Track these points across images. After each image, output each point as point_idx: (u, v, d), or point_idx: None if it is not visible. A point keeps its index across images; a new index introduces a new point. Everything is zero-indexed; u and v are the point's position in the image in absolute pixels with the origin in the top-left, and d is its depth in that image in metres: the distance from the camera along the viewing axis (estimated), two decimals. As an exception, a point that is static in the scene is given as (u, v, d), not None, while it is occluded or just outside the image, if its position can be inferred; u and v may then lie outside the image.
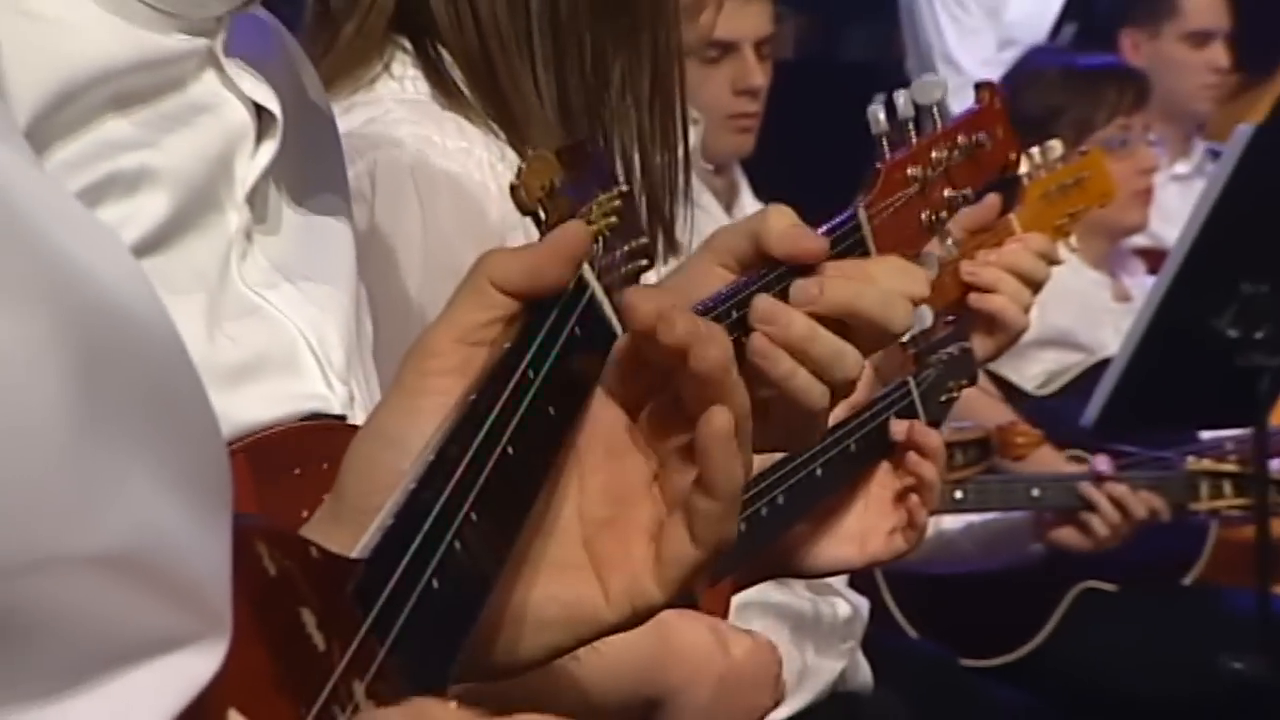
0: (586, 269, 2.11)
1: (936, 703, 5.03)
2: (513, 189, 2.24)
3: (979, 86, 3.90)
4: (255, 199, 2.50)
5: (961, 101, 8.63)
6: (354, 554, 1.73)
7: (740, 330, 2.60)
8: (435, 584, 1.78)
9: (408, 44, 3.37)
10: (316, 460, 2.28)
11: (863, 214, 2.95)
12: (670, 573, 2.03)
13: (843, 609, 4.16)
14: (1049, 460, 5.50)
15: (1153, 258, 6.94)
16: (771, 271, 2.70)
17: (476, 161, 3.25)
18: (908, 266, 2.90)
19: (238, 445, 2.30)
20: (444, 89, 3.29)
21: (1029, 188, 4.77)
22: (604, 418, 2.13)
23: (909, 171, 3.22)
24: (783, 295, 2.71)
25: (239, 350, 2.41)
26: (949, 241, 3.79)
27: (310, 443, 2.38)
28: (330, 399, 2.48)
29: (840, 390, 2.67)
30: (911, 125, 3.86)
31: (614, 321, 2.13)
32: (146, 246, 2.34)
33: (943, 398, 4.38)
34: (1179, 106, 8.09)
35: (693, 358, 1.93)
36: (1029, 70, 7.79)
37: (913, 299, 2.80)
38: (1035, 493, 5.43)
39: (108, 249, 1.40)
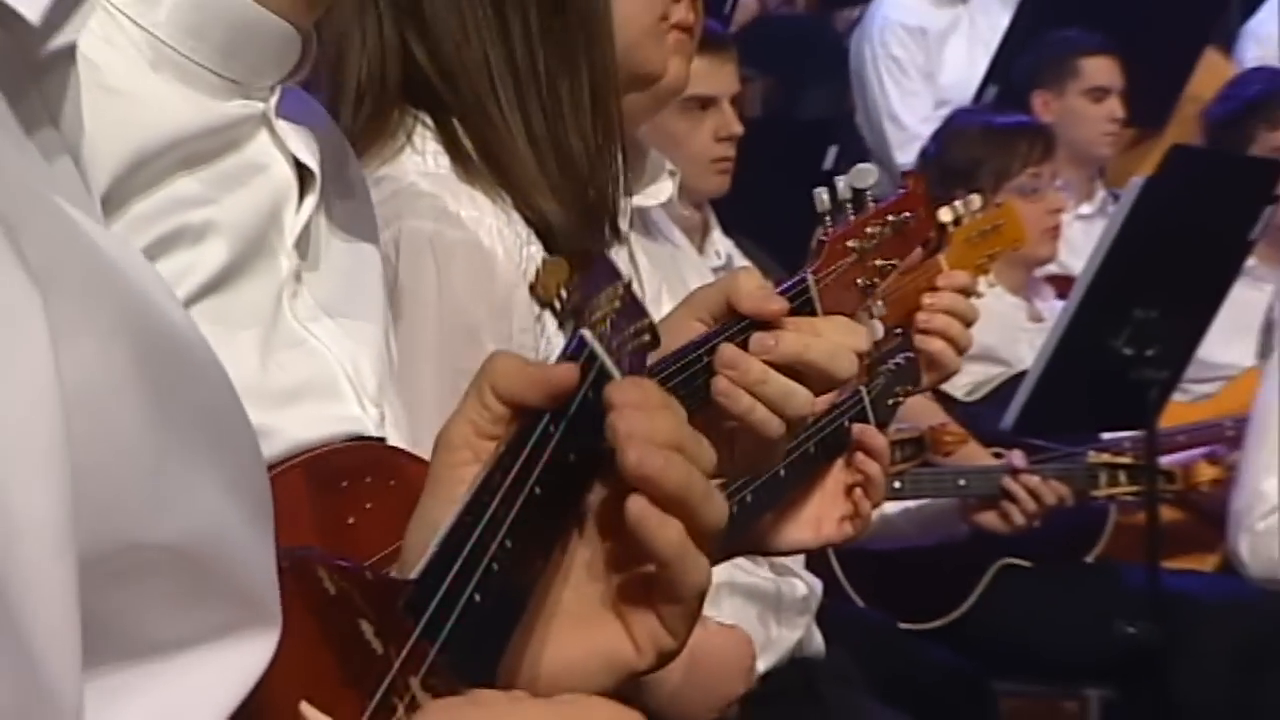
0: (596, 344, 1.99)
1: (879, 661, 4.92)
2: (531, 287, 2.29)
3: (905, 174, 4.29)
4: (301, 245, 2.46)
5: (906, 151, 9.23)
6: (404, 577, 1.74)
7: (710, 373, 2.81)
8: (478, 598, 1.77)
9: (429, 120, 3.31)
10: (359, 475, 2.30)
11: (811, 279, 3.11)
12: (678, 623, 1.93)
13: (800, 588, 4.09)
14: (974, 455, 5.45)
15: (1061, 284, 6.92)
16: (737, 324, 2.86)
17: (486, 229, 3.20)
18: (852, 325, 3.10)
19: (296, 461, 2.32)
20: (461, 162, 3.23)
21: (955, 234, 4.57)
22: (607, 486, 1.97)
23: (848, 244, 3.37)
24: (745, 344, 2.88)
25: (287, 376, 2.38)
26: (879, 302, 3.46)
27: (355, 460, 2.36)
28: (364, 420, 2.42)
29: (794, 424, 2.86)
30: (849, 205, 3.83)
31: (612, 371, 2.00)
32: (210, 287, 2.33)
33: (890, 402, 4.19)
34: (1083, 153, 8.02)
35: (643, 485, 1.79)
36: (956, 128, 7.65)
37: (856, 352, 2.93)
38: (962, 483, 5.44)
39: (168, 295, 1.40)
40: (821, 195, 4.15)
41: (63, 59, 1.34)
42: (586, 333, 1.99)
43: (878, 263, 3.34)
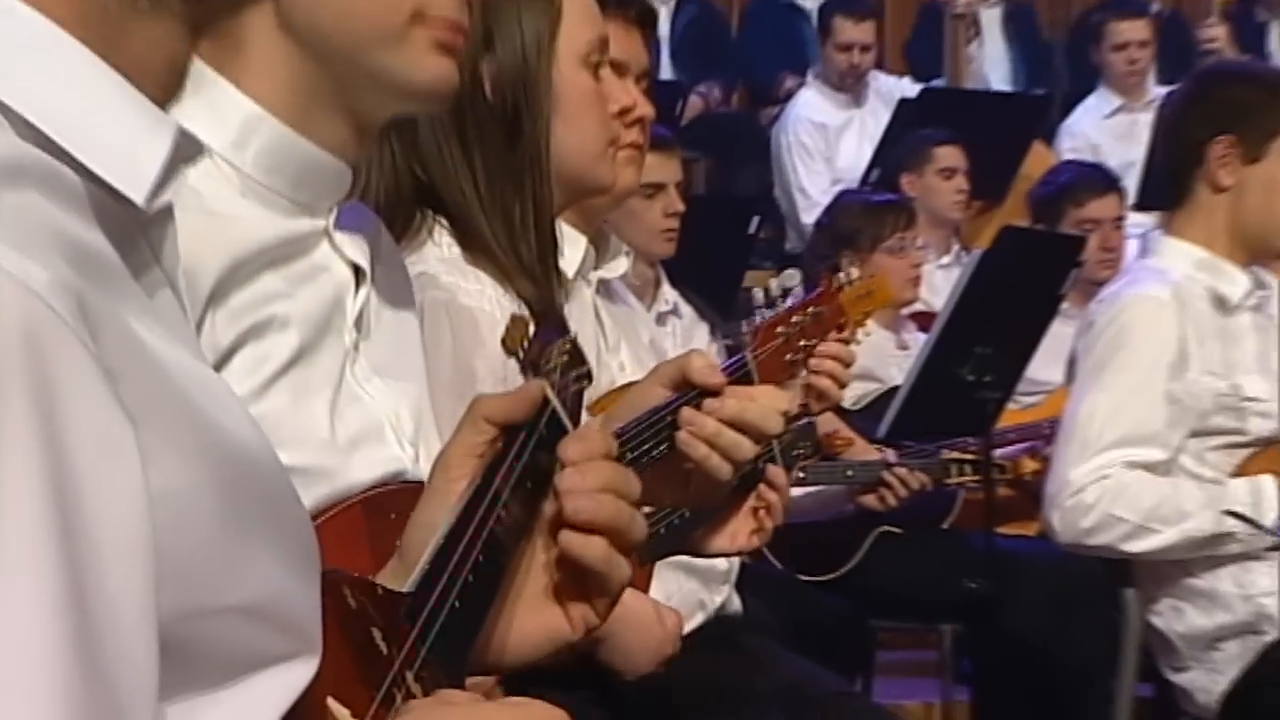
0: (549, 390, 2.07)
1: (788, 606, 4.97)
2: (502, 340, 2.25)
3: (824, 275, 4.24)
4: (358, 323, 2.43)
5: (810, 215, 9.82)
6: (404, 590, 1.78)
7: (674, 428, 2.86)
8: (457, 604, 1.83)
9: (444, 220, 3.33)
10: (403, 510, 2.12)
11: (749, 358, 3.30)
12: (603, 608, 2.08)
13: (722, 564, 3.99)
14: (859, 452, 5.50)
15: (924, 318, 6.98)
16: (692, 392, 2.89)
17: (487, 299, 3.23)
18: (779, 393, 3.18)
19: (356, 500, 2.30)
20: (468, 249, 3.26)
21: (843, 295, 4.35)
22: (552, 508, 2.06)
23: (777, 330, 3.54)
24: (698, 406, 2.93)
25: (348, 428, 2.35)
26: (803, 372, 3.69)
27: (399, 498, 2.23)
28: (403, 458, 2.38)
29: (739, 468, 2.91)
30: (779, 299, 4.20)
31: (568, 424, 2.10)
32: (291, 362, 2.32)
33: (795, 453, 4.39)
34: (940, 218, 8.13)
35: (568, 511, 1.95)
36: (842, 203, 7.75)
37: (782, 413, 3.01)
38: (849, 473, 5.51)
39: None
40: (757, 293, 4.31)
41: (163, 213, 1.46)
42: (544, 383, 2.07)
43: (801, 343, 3.40)
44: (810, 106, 9.27)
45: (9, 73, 1.34)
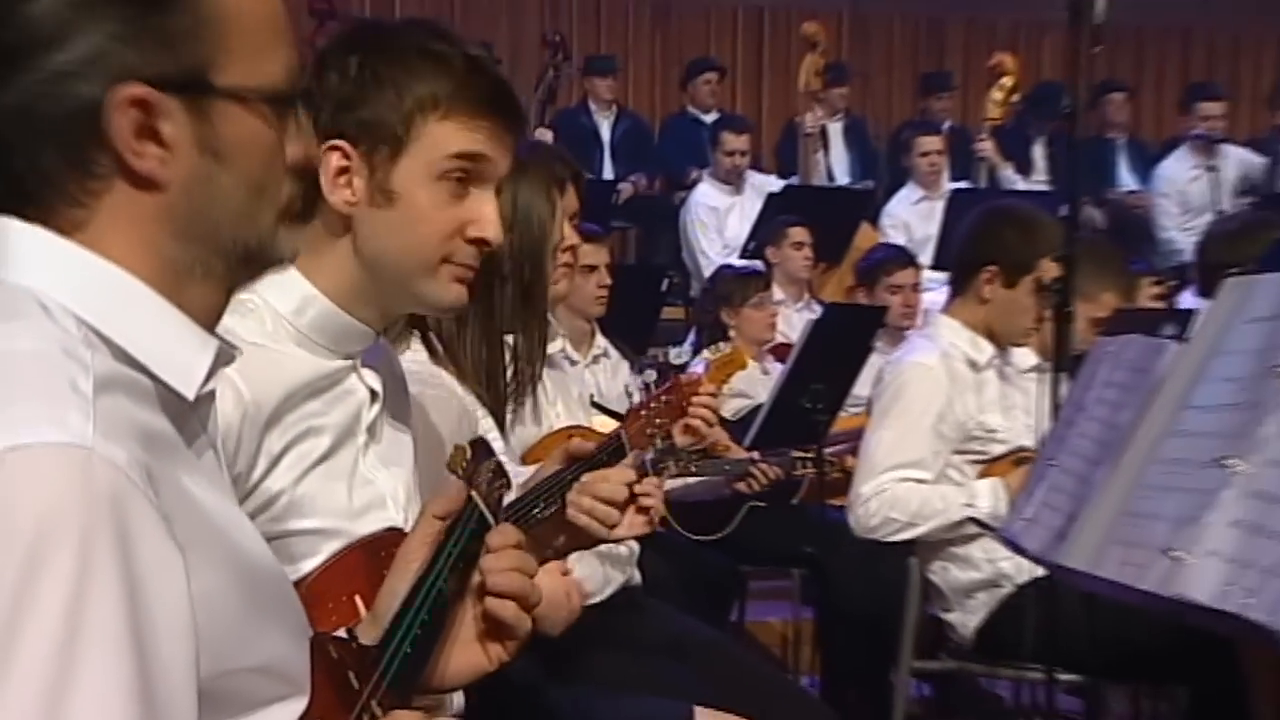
0: (476, 496, 2.15)
1: (683, 560, 5.17)
2: (447, 463, 2.21)
3: (673, 373, 4.65)
4: (370, 429, 2.49)
5: (707, 272, 8.90)
6: (371, 644, 1.90)
7: (563, 491, 2.90)
8: (408, 650, 1.91)
9: (419, 337, 3.25)
10: (391, 549, 2.17)
11: (623, 434, 3.21)
12: (513, 649, 2.19)
13: (625, 550, 3.91)
14: (735, 453, 5.48)
15: (782, 349, 6.90)
16: (577, 467, 2.97)
17: (449, 390, 3.16)
18: (626, 473, 3.01)
19: (358, 543, 2.35)
20: (434, 356, 3.19)
21: (713, 361, 4.55)
22: (478, 580, 2.20)
23: (642, 413, 3.45)
24: (580, 474, 3.01)
25: (361, 502, 2.44)
26: (656, 443, 3.61)
27: (389, 542, 2.26)
28: (398, 519, 2.45)
29: (608, 526, 2.92)
30: (671, 369, 4.34)
31: (491, 520, 2.17)
32: (324, 457, 2.41)
33: (660, 466, 4.19)
34: (794, 277, 8.12)
35: (490, 585, 2.10)
36: (720, 273, 7.60)
37: (627, 483, 2.94)
38: (727, 468, 5.45)
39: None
40: (651, 373, 4.40)
41: (208, 396, 1.62)
42: (473, 493, 2.14)
43: (658, 421, 3.39)
44: (706, 194, 9.29)
45: (107, 312, 1.51)
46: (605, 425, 5.15)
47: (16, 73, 1.44)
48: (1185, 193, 10.09)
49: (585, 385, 5.41)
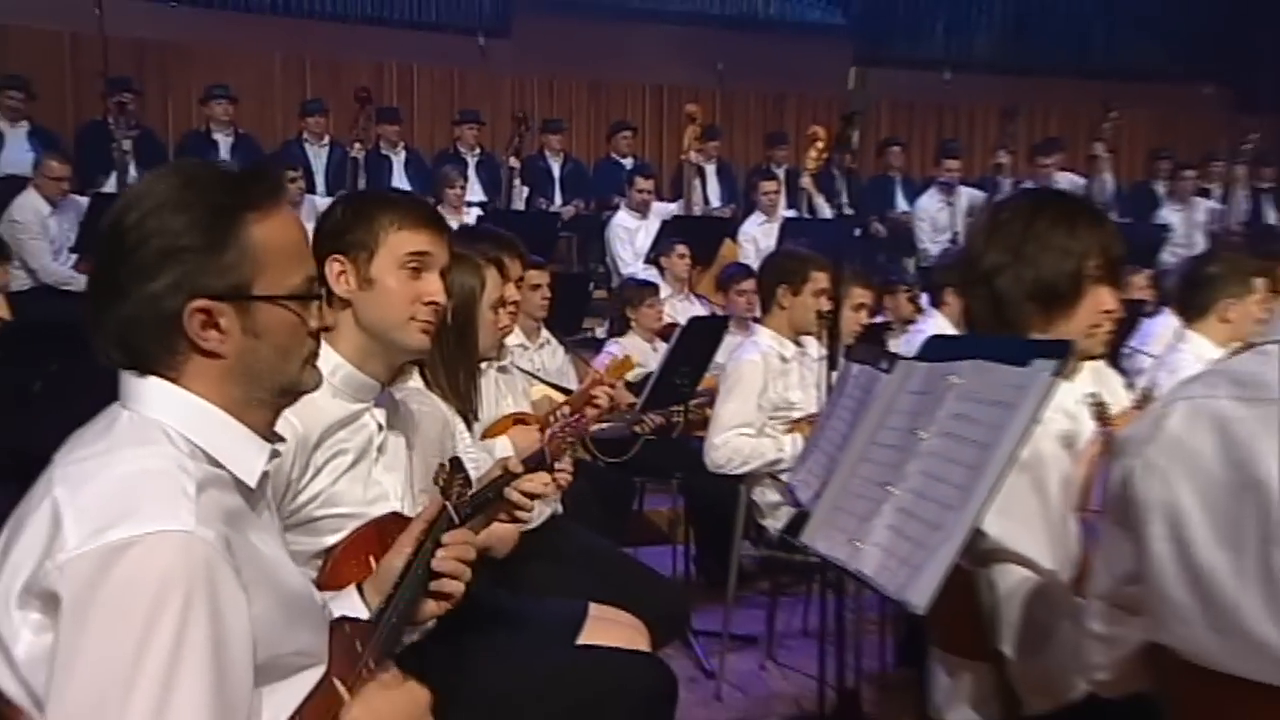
0: (449, 505, 2.16)
1: (601, 480, 4.98)
2: (433, 479, 2.29)
3: (594, 352, 4.09)
4: (380, 449, 2.49)
5: (626, 272, 8.62)
6: (369, 619, 1.94)
7: (501, 488, 2.76)
8: (394, 621, 1.90)
9: (418, 373, 3.15)
10: (396, 527, 2.23)
11: (546, 449, 2.99)
12: (446, 607, 2.20)
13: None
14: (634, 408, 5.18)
15: (669, 329, 6.44)
16: (510, 475, 2.75)
17: (435, 404, 3.01)
18: (545, 476, 2.91)
19: (371, 522, 2.39)
20: (426, 384, 3.11)
21: (609, 366, 4.50)
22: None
23: (558, 433, 3.17)
24: (514, 476, 2.81)
25: (371, 495, 2.44)
26: (568, 451, 3.25)
27: (394, 522, 2.33)
28: (397, 507, 2.46)
29: (529, 512, 2.89)
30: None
31: (456, 520, 2.17)
32: (347, 469, 2.45)
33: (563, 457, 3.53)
34: (679, 278, 8.01)
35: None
36: (625, 282, 7.38)
37: (546, 484, 2.91)
38: (628, 417, 5.29)
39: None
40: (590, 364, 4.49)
41: (265, 476, 1.69)
42: (446, 504, 2.16)
43: (569, 437, 3.12)
44: (622, 219, 9.05)
45: (201, 432, 1.60)
46: (545, 392, 5.12)
47: (128, 296, 1.55)
48: (935, 218, 10.04)
49: (535, 365, 5.42)
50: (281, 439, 1.85)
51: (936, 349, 2.30)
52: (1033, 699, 2.20)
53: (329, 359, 2.34)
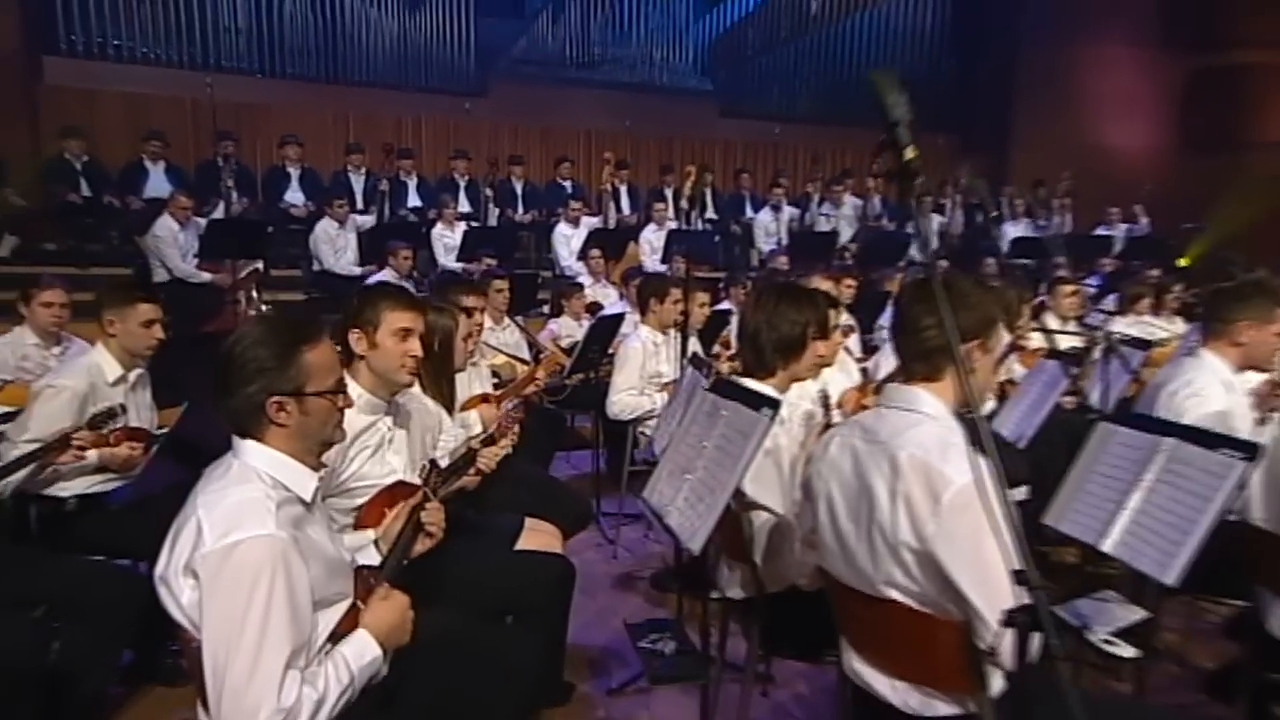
0: (429, 491, 2.12)
1: (542, 418, 4.53)
2: (419, 473, 2.34)
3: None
4: (390, 441, 2.46)
5: (564, 264, 8.32)
6: (380, 563, 1.92)
7: (472, 459, 2.74)
8: (395, 564, 1.90)
9: (418, 383, 2.84)
10: (405, 490, 2.25)
11: (494, 431, 2.94)
12: (431, 544, 2.10)
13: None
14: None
15: (593, 307, 6.50)
16: (473, 452, 2.74)
17: (426, 404, 2.82)
18: (493, 449, 2.86)
19: (386, 488, 2.34)
20: (422, 389, 2.87)
21: (542, 360, 4.39)
22: None
23: (503, 421, 3.02)
24: (479, 449, 2.84)
25: (384, 471, 2.40)
26: (514, 426, 3.06)
27: (398, 486, 2.32)
28: (405, 478, 2.39)
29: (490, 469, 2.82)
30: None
31: (434, 500, 2.08)
32: (370, 457, 2.43)
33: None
34: (595, 271, 7.69)
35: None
36: (559, 280, 7.09)
37: (497, 453, 2.86)
38: (563, 376, 4.98)
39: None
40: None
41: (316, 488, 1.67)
42: (426, 489, 2.10)
43: (513, 423, 2.98)
44: (562, 228, 8.64)
45: (279, 472, 1.66)
46: (506, 360, 4.99)
47: (235, 395, 1.65)
48: (767, 226, 9.72)
49: (500, 341, 5.21)
50: (325, 466, 1.92)
51: (724, 389, 2.28)
52: (769, 585, 2.37)
53: (355, 389, 2.38)
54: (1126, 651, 2.52)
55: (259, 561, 1.57)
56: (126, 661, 2.88)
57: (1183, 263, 10.64)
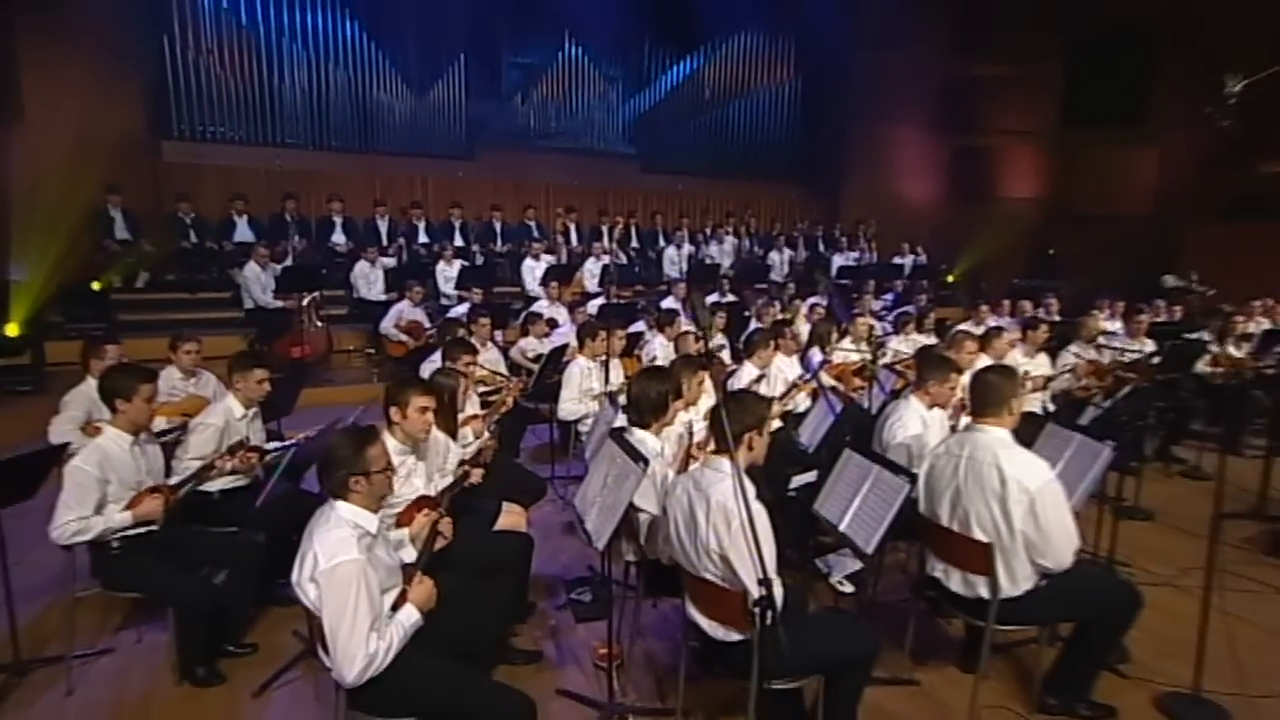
0: (439, 512, 2.11)
1: (516, 416, 4.31)
2: (434, 503, 2.29)
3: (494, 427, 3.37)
4: (415, 468, 2.44)
5: (530, 289, 7.71)
6: (414, 561, 1.90)
7: (467, 477, 2.64)
8: (423, 559, 1.89)
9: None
10: (423, 502, 2.26)
11: (481, 441, 2.86)
12: (444, 544, 2.12)
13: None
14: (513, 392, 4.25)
15: (551, 324, 6.08)
16: (466, 464, 2.65)
17: (439, 437, 2.72)
18: (487, 445, 2.75)
19: (414, 499, 2.32)
20: (437, 425, 2.69)
21: (508, 390, 3.87)
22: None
23: (482, 423, 2.91)
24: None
25: (409, 491, 2.38)
26: (493, 440, 3.00)
27: (424, 499, 2.33)
28: (424, 491, 2.38)
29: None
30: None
31: (445, 514, 2.10)
32: (402, 481, 2.37)
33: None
34: (552, 297, 7.01)
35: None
36: (529, 311, 6.18)
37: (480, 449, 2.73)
38: (531, 384, 4.69)
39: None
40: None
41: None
42: (439, 511, 2.06)
43: (491, 426, 2.90)
44: (528, 262, 8.40)
45: (355, 518, 1.63)
46: (485, 374, 4.34)
47: (333, 476, 1.77)
48: (672, 258, 9.50)
49: (484, 359, 4.58)
50: (385, 505, 2.03)
51: (618, 439, 2.36)
52: (649, 555, 2.49)
53: (392, 443, 2.51)
54: (847, 588, 3.04)
55: (349, 575, 1.82)
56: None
57: (950, 278, 11.33)
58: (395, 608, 1.91)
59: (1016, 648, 2.67)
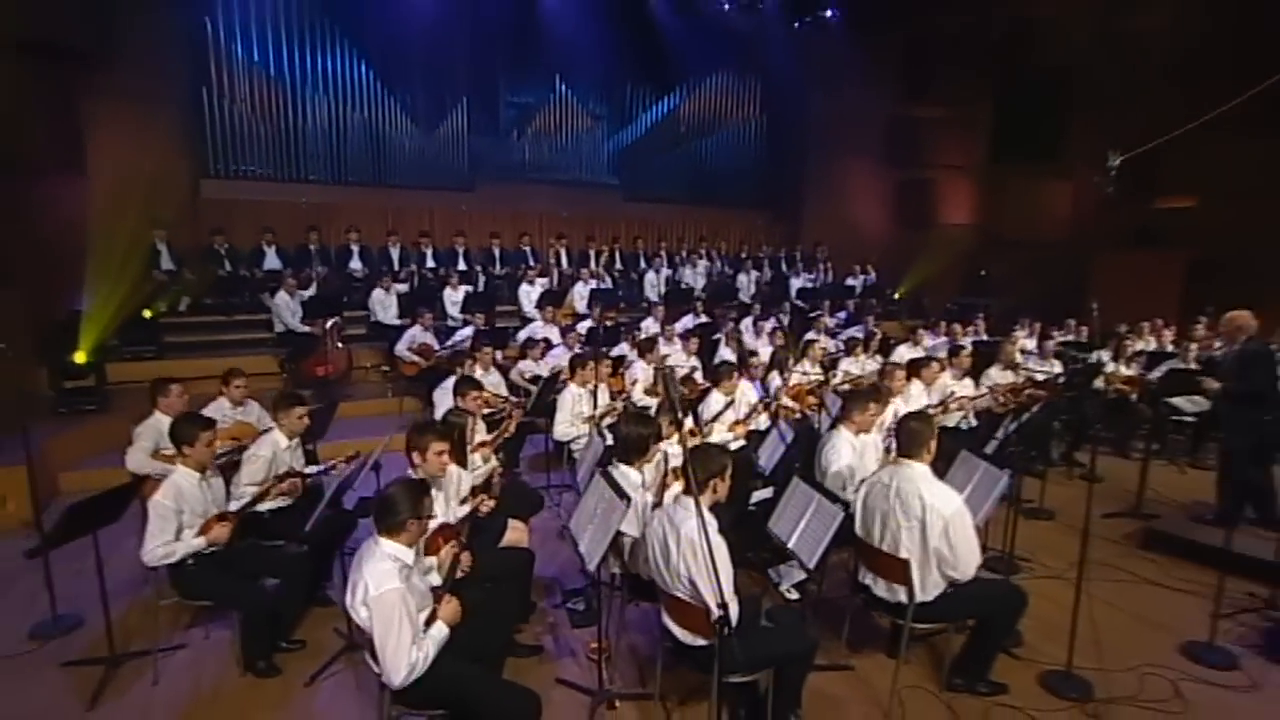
0: (457, 543, 2.10)
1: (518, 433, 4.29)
2: (451, 533, 2.28)
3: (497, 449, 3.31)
4: (434, 498, 2.36)
5: (526, 311, 7.32)
6: (440, 585, 1.87)
7: (476, 512, 2.66)
8: (449, 583, 1.89)
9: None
10: (444, 530, 2.22)
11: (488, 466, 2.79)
12: (468, 568, 2.15)
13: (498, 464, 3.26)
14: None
15: (546, 348, 5.85)
16: (477, 497, 2.59)
17: (452, 469, 2.70)
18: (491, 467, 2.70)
19: (435, 528, 2.27)
20: (453, 460, 2.69)
21: (507, 420, 3.80)
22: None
23: (490, 445, 2.83)
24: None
25: (431, 520, 2.18)
26: (496, 474, 2.97)
27: (445, 526, 2.30)
28: (445, 519, 2.34)
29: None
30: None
31: (465, 544, 2.06)
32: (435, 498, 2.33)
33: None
34: (546, 319, 6.79)
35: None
36: (527, 339, 5.98)
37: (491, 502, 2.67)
38: (530, 405, 4.59)
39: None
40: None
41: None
42: (456, 542, 1.98)
43: (497, 448, 2.79)
44: (524, 287, 8.14)
45: (397, 554, 1.57)
46: (486, 395, 4.08)
47: (387, 522, 1.71)
48: (652, 281, 9.31)
49: (488, 383, 4.60)
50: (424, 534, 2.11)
51: (605, 475, 2.49)
52: (632, 570, 2.62)
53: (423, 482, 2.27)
54: (794, 595, 3.21)
55: (393, 600, 2.01)
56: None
57: (897, 296, 11.58)
58: (428, 624, 2.08)
59: (933, 637, 2.83)
